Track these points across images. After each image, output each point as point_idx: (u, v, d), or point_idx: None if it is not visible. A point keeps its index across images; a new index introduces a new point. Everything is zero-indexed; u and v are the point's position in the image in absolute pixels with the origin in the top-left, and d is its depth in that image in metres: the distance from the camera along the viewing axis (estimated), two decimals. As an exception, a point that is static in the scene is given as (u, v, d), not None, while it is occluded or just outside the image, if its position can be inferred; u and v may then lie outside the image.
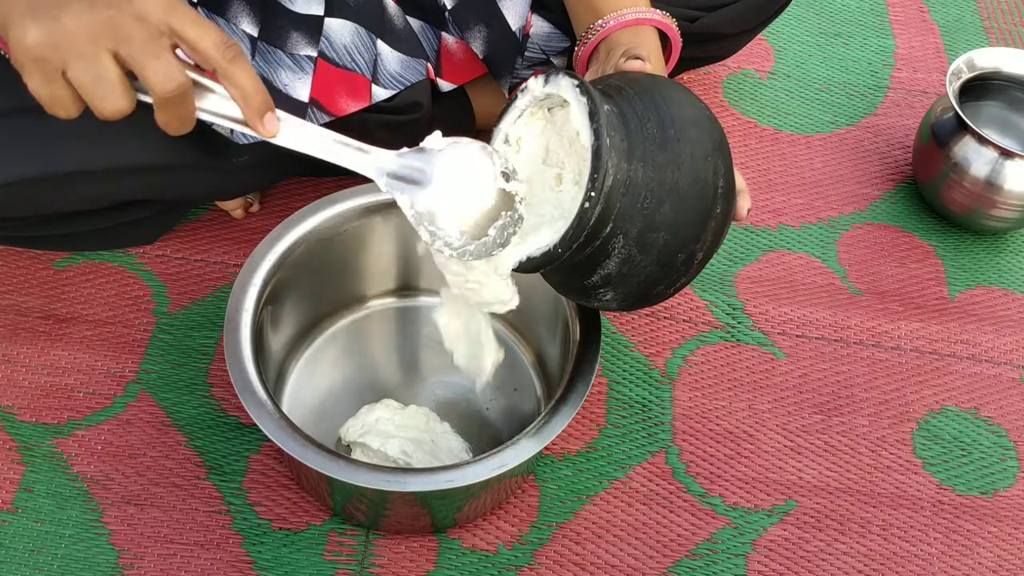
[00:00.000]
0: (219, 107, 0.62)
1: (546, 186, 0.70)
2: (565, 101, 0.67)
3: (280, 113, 0.63)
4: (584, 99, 0.65)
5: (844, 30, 1.35)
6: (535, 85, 0.69)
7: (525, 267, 0.68)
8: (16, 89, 0.81)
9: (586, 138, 0.64)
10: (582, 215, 0.63)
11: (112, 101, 0.59)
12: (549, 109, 0.70)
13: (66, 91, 0.59)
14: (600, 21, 0.83)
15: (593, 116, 0.64)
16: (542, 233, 0.68)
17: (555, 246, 0.66)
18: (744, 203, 0.75)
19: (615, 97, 0.68)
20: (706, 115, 0.70)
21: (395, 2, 0.96)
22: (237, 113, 0.62)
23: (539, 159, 0.70)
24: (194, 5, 0.89)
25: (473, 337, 0.78)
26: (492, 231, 0.66)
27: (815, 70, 1.29)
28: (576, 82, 0.65)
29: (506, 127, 0.70)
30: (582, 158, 0.66)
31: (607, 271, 0.68)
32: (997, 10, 1.41)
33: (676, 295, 0.75)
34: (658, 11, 0.84)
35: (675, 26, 0.85)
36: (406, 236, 0.91)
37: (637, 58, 0.78)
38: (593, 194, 0.63)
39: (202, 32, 0.59)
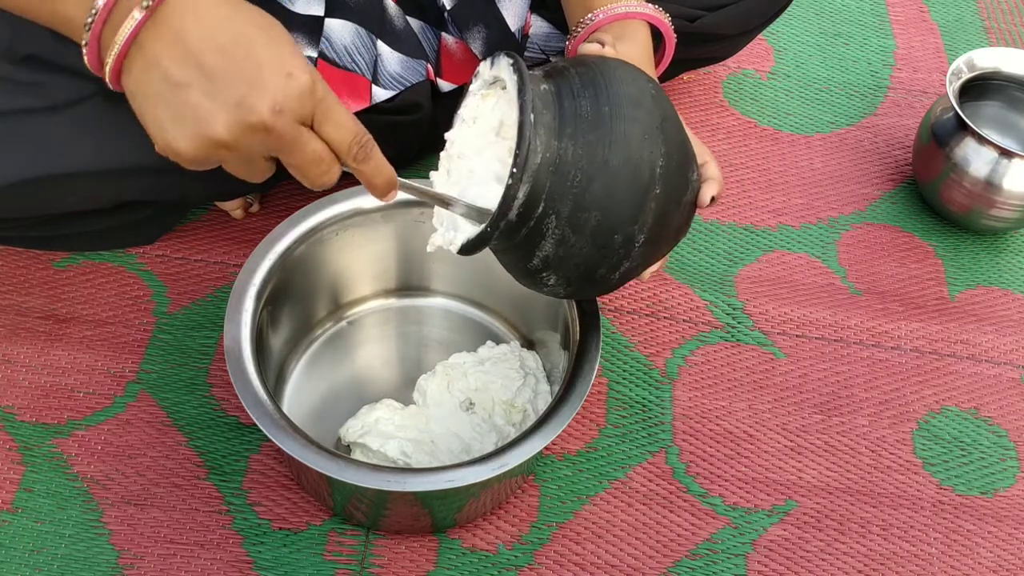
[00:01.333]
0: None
1: (496, 158, 0.69)
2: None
3: (401, 181, 0.65)
4: (515, 77, 0.64)
5: (844, 30, 1.35)
6: (484, 68, 0.69)
7: (466, 249, 0.68)
8: (17, 90, 0.81)
9: (512, 116, 0.64)
10: (506, 192, 0.63)
11: (331, 174, 0.62)
12: (504, 88, 0.70)
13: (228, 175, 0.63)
14: (590, 15, 0.83)
15: (520, 92, 0.63)
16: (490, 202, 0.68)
17: (485, 226, 0.65)
18: (708, 190, 0.74)
19: (555, 77, 0.68)
20: (650, 94, 0.68)
21: (395, 2, 0.96)
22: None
23: (492, 131, 0.69)
24: None
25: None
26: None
27: (815, 70, 1.29)
28: (511, 61, 0.65)
29: (461, 111, 0.70)
30: None
31: (544, 253, 0.67)
32: (997, 10, 1.41)
33: (629, 286, 0.74)
34: (650, 6, 0.83)
35: (668, 21, 0.85)
36: (406, 236, 0.91)
37: (597, 43, 0.78)
38: (515, 170, 0.62)
39: (338, 132, 0.61)
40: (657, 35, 0.87)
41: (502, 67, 0.66)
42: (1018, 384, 1.01)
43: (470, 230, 0.67)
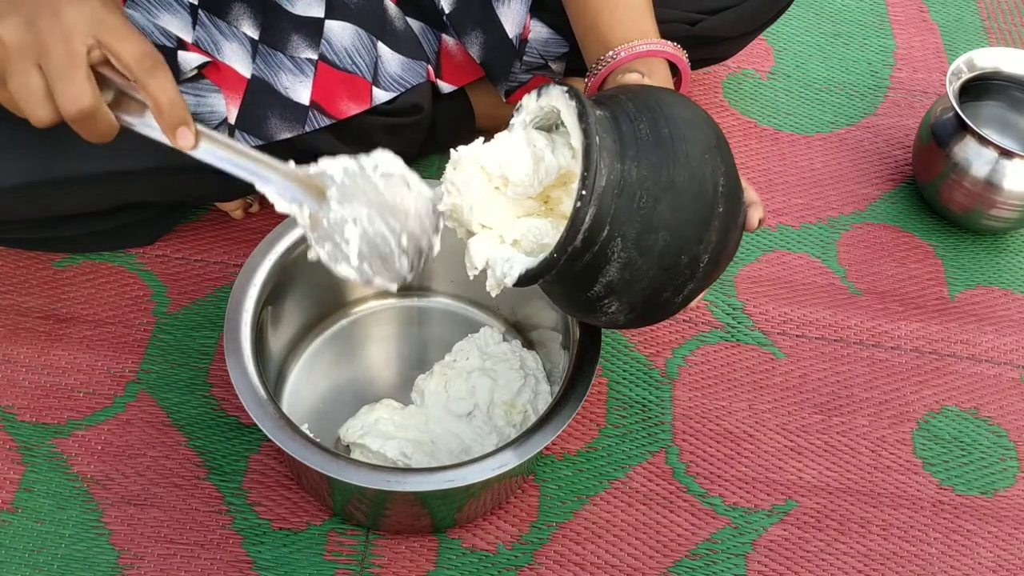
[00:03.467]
0: (150, 120, 0.64)
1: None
2: (559, 120, 0.66)
3: (202, 128, 0.65)
4: (573, 103, 0.64)
5: (844, 30, 1.35)
6: (529, 101, 0.68)
7: (524, 279, 0.67)
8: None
9: (576, 140, 0.63)
10: (574, 216, 0.62)
11: (36, 113, 0.63)
12: (548, 129, 0.70)
13: (10, 98, 0.63)
14: (611, 52, 0.83)
15: (582, 117, 0.63)
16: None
17: (552, 251, 0.64)
18: (755, 214, 0.74)
19: (607, 103, 0.68)
20: (702, 116, 0.69)
21: (395, 4, 0.96)
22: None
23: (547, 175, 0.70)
24: (193, 8, 0.89)
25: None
26: (403, 260, 0.67)
27: (815, 70, 1.29)
28: (565, 88, 0.65)
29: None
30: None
31: (609, 278, 0.66)
32: (997, 10, 1.41)
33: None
34: (669, 43, 0.84)
35: (685, 58, 0.85)
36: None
37: (635, 72, 0.78)
38: (584, 192, 0.62)
39: (122, 43, 0.62)
40: (674, 68, 0.87)
41: (554, 96, 0.66)
42: (1018, 384, 1.01)
43: (526, 260, 0.67)
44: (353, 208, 0.65)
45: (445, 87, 1.00)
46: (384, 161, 0.67)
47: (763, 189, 1.15)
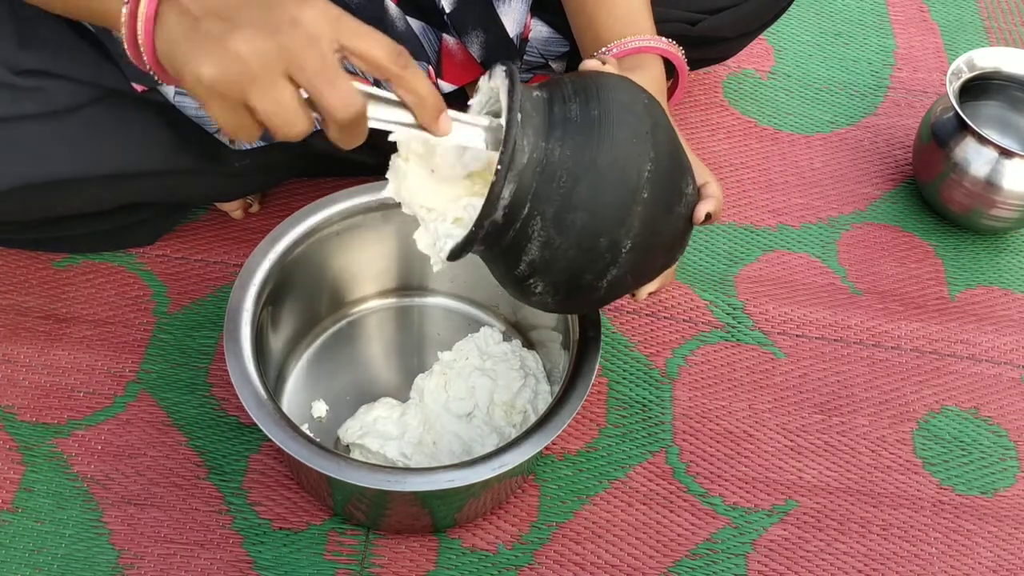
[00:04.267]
0: (388, 114, 0.62)
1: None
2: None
3: (452, 113, 0.63)
4: (506, 81, 0.64)
5: (844, 30, 1.35)
6: (483, 82, 0.69)
7: (453, 253, 0.68)
8: (18, 96, 0.81)
9: (504, 116, 0.63)
10: (491, 190, 0.63)
11: (295, 126, 0.59)
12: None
13: (249, 119, 0.59)
14: (604, 48, 0.83)
15: (510, 93, 0.63)
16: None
17: (473, 223, 0.65)
18: (704, 207, 0.73)
19: (549, 86, 0.68)
20: (642, 101, 0.68)
21: (396, 3, 0.96)
22: (406, 118, 0.62)
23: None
24: None
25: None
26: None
27: (815, 70, 1.29)
28: (504, 67, 0.65)
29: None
30: None
31: (531, 256, 0.67)
32: (997, 10, 1.41)
33: (622, 296, 0.73)
34: (663, 39, 0.83)
35: (680, 54, 0.85)
36: (406, 236, 0.90)
37: (595, 60, 0.78)
38: (500, 167, 0.62)
39: (373, 43, 0.59)
40: (670, 66, 0.87)
41: (496, 73, 0.67)
42: (1018, 384, 1.01)
43: (458, 235, 0.67)
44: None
45: (446, 87, 1.00)
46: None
47: (763, 189, 1.15)
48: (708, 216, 0.74)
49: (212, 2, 0.58)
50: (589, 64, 0.77)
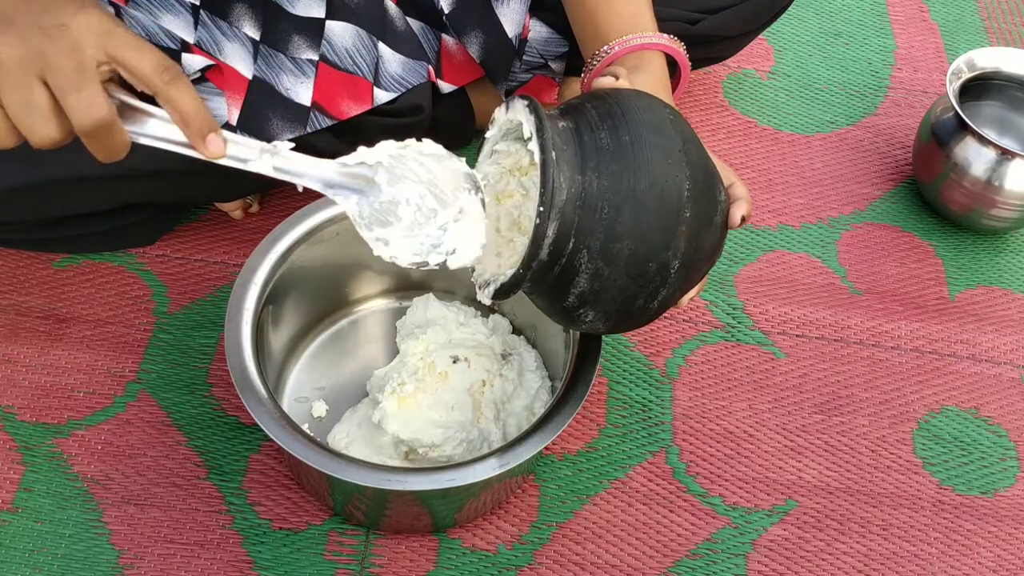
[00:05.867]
0: (161, 131, 0.61)
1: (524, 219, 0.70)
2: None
3: (226, 134, 0.62)
4: (532, 117, 0.64)
5: (844, 30, 1.35)
6: (499, 114, 0.68)
7: (499, 293, 0.67)
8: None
9: (536, 155, 0.63)
10: (536, 232, 0.63)
11: (41, 130, 0.58)
12: (521, 139, 0.70)
13: (3, 120, 0.59)
14: (606, 47, 0.82)
15: (539, 131, 0.63)
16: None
17: (518, 268, 0.65)
18: (739, 210, 0.73)
19: (572, 114, 0.68)
20: (668, 119, 0.68)
21: (395, 4, 0.96)
22: (181, 136, 0.61)
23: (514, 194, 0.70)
24: (195, 8, 0.89)
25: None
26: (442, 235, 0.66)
27: (815, 70, 1.29)
28: (526, 102, 0.65)
29: (482, 161, 0.70)
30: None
31: (580, 289, 0.67)
32: (997, 10, 1.41)
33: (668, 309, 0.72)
34: (665, 35, 0.83)
35: (683, 50, 0.85)
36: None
37: (611, 75, 0.77)
38: (542, 208, 0.62)
39: (139, 55, 0.59)
40: (671, 62, 0.87)
41: (517, 109, 0.66)
42: (1018, 384, 1.01)
43: (503, 275, 0.67)
44: (404, 188, 0.65)
45: (445, 87, 1.00)
46: (429, 144, 0.67)
47: (763, 189, 1.15)
48: (743, 219, 0.74)
49: None
50: (604, 82, 0.76)
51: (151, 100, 0.61)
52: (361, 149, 0.65)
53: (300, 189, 0.64)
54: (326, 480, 0.80)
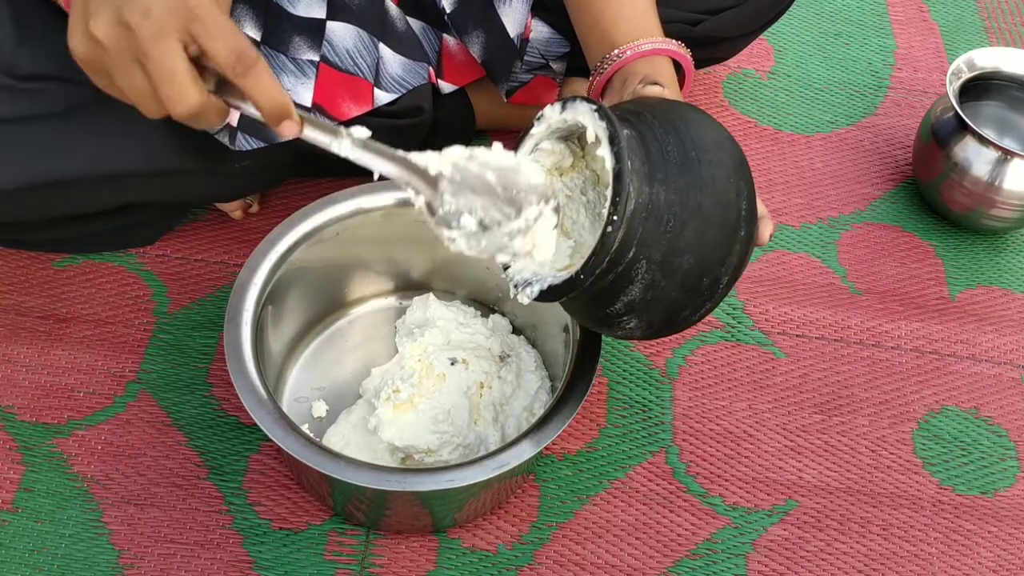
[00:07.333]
0: (252, 108, 0.62)
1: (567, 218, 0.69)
2: (580, 132, 0.66)
3: (306, 116, 0.62)
4: (603, 123, 0.63)
5: (844, 30, 1.35)
6: (551, 112, 0.68)
7: (546, 296, 0.67)
8: (17, 97, 0.81)
9: (608, 163, 0.63)
10: (604, 240, 0.62)
11: (149, 108, 0.60)
12: (565, 139, 0.70)
13: (120, 92, 0.61)
14: (616, 51, 0.82)
15: (613, 140, 0.63)
16: (560, 262, 0.67)
17: (577, 272, 0.64)
18: (767, 228, 0.74)
19: (633, 121, 0.67)
20: (726, 136, 0.69)
21: (396, 4, 0.96)
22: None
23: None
24: None
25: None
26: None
27: (815, 70, 1.29)
28: (594, 107, 0.64)
29: (523, 155, 0.70)
30: (594, 185, 0.64)
31: (631, 297, 0.66)
32: (997, 10, 1.41)
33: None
34: (673, 41, 0.83)
35: (689, 56, 0.85)
36: (406, 236, 0.91)
37: (655, 84, 0.77)
38: (616, 218, 0.62)
39: (215, 44, 0.59)
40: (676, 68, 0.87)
41: (581, 112, 0.65)
42: (1018, 384, 1.01)
43: (550, 277, 0.67)
44: (467, 199, 0.64)
45: (446, 87, 1.00)
46: (497, 154, 0.66)
47: (763, 189, 1.15)
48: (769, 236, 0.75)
49: None
50: (654, 91, 0.76)
51: None
52: (428, 154, 0.65)
53: (376, 177, 0.64)
54: (326, 480, 0.80)
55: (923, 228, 1.14)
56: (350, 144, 0.62)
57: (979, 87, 1.12)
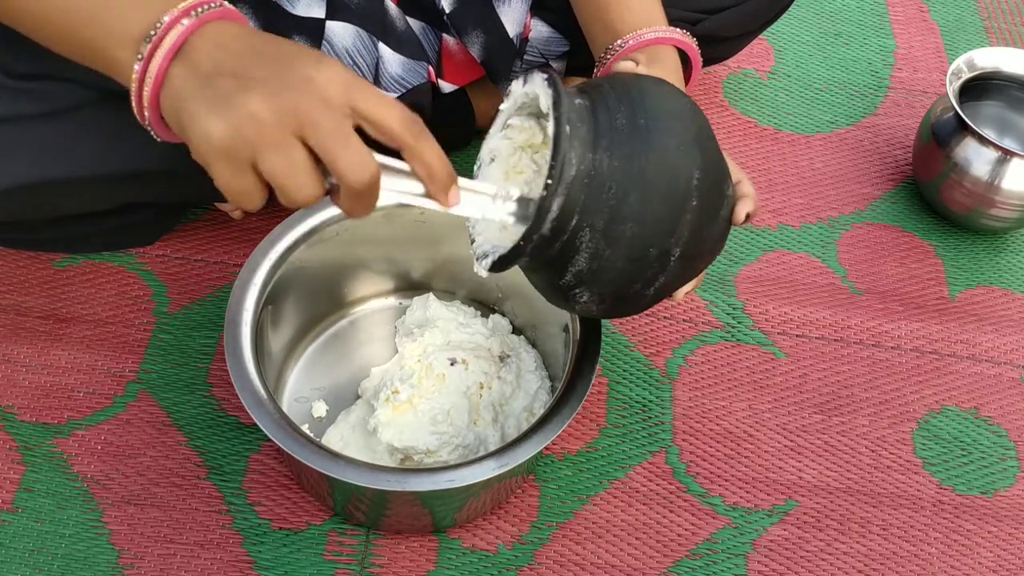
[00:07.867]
0: (400, 185, 0.60)
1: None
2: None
3: (461, 181, 0.61)
4: (550, 91, 0.64)
5: (844, 30, 1.35)
6: (516, 87, 0.68)
7: (498, 265, 0.67)
8: (17, 96, 0.81)
9: (550, 128, 0.63)
10: (541, 204, 0.62)
11: (305, 189, 0.56)
12: (537, 117, 0.70)
13: (255, 183, 0.56)
14: (619, 41, 0.82)
15: (556, 105, 0.63)
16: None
17: (519, 239, 0.64)
18: (743, 207, 0.73)
19: (589, 92, 0.67)
20: (687, 108, 0.68)
21: (396, 4, 0.96)
22: (416, 187, 0.60)
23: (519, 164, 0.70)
24: None
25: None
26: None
27: (815, 70, 1.29)
28: (546, 76, 0.65)
29: (493, 135, 0.70)
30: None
31: (578, 268, 0.66)
32: (997, 10, 1.41)
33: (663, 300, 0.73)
34: (677, 30, 0.83)
35: (695, 44, 0.84)
36: (406, 236, 0.91)
37: (630, 61, 0.77)
38: (550, 181, 0.62)
39: (386, 111, 0.56)
40: (683, 57, 0.87)
41: (536, 82, 0.66)
42: (1018, 384, 1.01)
43: (502, 248, 0.66)
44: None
45: (446, 87, 1.00)
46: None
47: (763, 189, 1.15)
48: (747, 216, 0.74)
49: (225, 60, 0.56)
50: (625, 66, 0.76)
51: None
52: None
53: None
54: (326, 480, 0.80)
55: (923, 228, 1.14)
56: (503, 208, 0.64)
57: (979, 87, 1.12)
